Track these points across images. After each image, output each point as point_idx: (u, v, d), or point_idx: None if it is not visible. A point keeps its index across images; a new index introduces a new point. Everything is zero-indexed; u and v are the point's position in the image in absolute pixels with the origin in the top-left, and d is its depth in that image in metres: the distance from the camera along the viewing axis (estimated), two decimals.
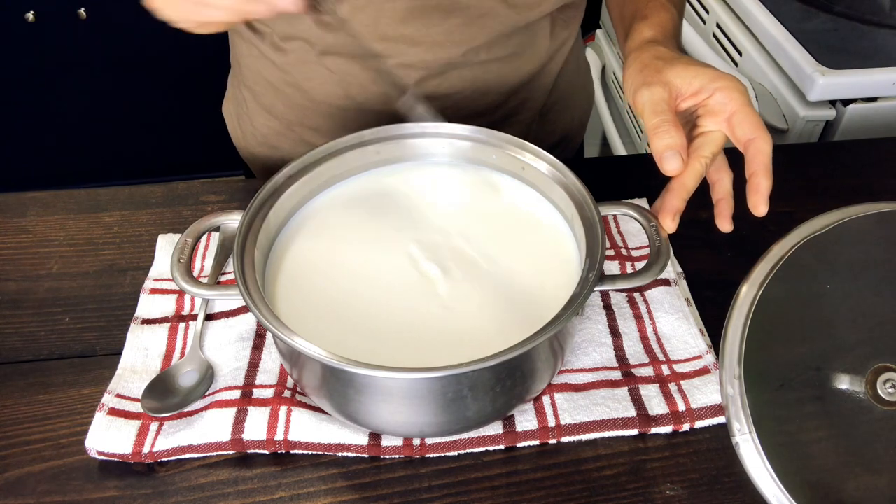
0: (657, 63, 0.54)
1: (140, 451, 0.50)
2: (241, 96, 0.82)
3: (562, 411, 0.52)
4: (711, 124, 0.53)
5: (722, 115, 0.52)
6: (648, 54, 0.56)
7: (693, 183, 0.52)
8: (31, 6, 1.59)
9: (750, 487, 0.45)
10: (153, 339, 0.57)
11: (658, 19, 0.60)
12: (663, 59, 0.54)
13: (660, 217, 0.52)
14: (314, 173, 0.57)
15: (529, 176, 0.59)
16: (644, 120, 0.52)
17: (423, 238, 0.56)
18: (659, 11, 0.61)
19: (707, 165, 0.53)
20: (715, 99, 0.52)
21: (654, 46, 0.57)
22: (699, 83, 0.53)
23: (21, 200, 0.71)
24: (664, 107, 0.52)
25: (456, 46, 0.68)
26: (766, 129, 0.51)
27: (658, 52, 0.56)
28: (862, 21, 1.05)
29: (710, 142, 0.53)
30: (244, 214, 0.52)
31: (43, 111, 1.78)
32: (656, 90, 0.52)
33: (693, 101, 0.53)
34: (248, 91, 0.80)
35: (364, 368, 0.43)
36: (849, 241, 0.50)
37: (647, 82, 0.53)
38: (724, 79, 0.52)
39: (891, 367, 0.46)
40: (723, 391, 0.47)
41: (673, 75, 0.53)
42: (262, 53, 0.74)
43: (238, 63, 0.81)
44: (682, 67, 0.53)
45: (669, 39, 0.59)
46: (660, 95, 0.52)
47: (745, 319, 0.47)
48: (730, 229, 0.54)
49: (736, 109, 0.51)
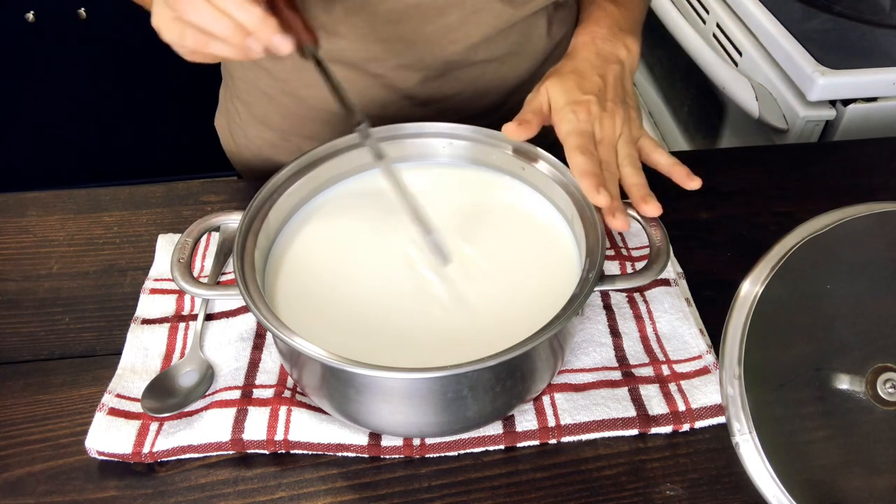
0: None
1: (140, 451, 0.50)
2: (233, 109, 0.81)
3: (562, 411, 0.52)
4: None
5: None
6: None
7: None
8: (31, 6, 1.59)
9: (750, 487, 0.45)
10: (153, 339, 0.57)
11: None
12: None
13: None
14: (314, 173, 0.57)
15: (529, 176, 0.59)
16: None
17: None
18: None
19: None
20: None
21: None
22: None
23: (21, 200, 0.71)
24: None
25: (453, 45, 0.67)
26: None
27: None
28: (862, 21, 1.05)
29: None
30: (244, 214, 0.52)
31: (43, 111, 1.78)
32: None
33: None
34: (241, 103, 0.79)
35: (364, 368, 0.43)
36: (849, 241, 0.50)
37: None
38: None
39: (891, 367, 0.46)
40: (723, 391, 0.47)
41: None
42: (255, 63, 0.73)
43: (230, 75, 0.80)
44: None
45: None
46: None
47: (745, 319, 0.47)
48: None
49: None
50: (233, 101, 0.81)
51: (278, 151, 0.79)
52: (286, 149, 0.78)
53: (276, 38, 0.46)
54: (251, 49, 0.47)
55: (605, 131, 0.58)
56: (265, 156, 0.80)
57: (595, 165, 0.55)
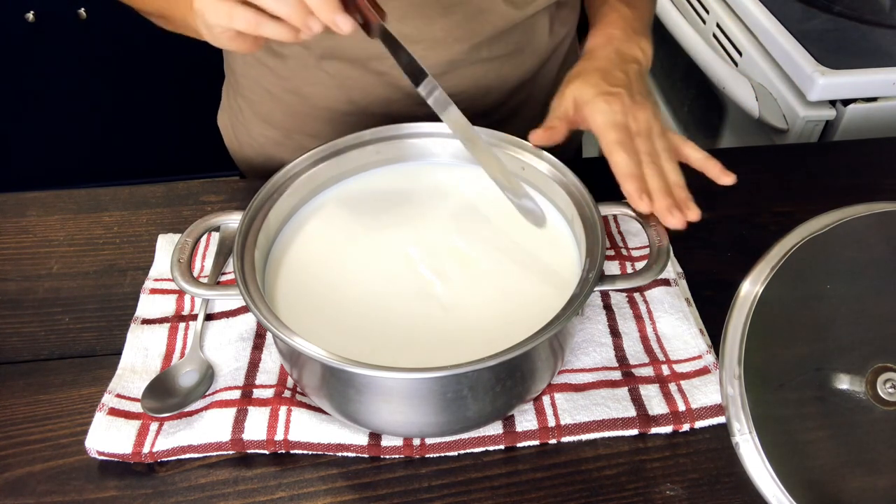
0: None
1: (140, 451, 0.50)
2: (236, 106, 0.81)
3: (562, 411, 0.52)
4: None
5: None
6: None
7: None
8: (31, 6, 1.59)
9: (750, 487, 0.45)
10: (153, 339, 0.57)
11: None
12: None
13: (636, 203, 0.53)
14: (314, 173, 0.57)
15: (529, 176, 0.59)
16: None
17: (423, 238, 0.56)
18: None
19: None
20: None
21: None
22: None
23: (21, 200, 0.71)
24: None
25: (458, 43, 0.67)
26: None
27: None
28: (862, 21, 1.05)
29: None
30: (244, 214, 0.52)
31: (43, 111, 1.78)
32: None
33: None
34: (244, 101, 0.79)
35: (364, 368, 0.43)
36: (849, 241, 0.50)
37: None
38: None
39: (891, 367, 0.46)
40: (723, 391, 0.47)
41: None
42: (258, 61, 0.73)
43: (233, 72, 0.80)
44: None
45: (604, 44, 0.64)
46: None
47: (745, 319, 0.47)
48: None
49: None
50: (236, 98, 0.81)
51: (281, 149, 0.79)
52: (289, 147, 0.78)
53: (339, 17, 0.45)
54: (310, 29, 0.45)
55: (640, 124, 0.56)
56: (268, 154, 0.80)
57: (637, 166, 0.53)
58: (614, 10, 0.67)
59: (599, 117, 0.56)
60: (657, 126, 0.58)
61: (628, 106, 0.57)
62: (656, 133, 0.57)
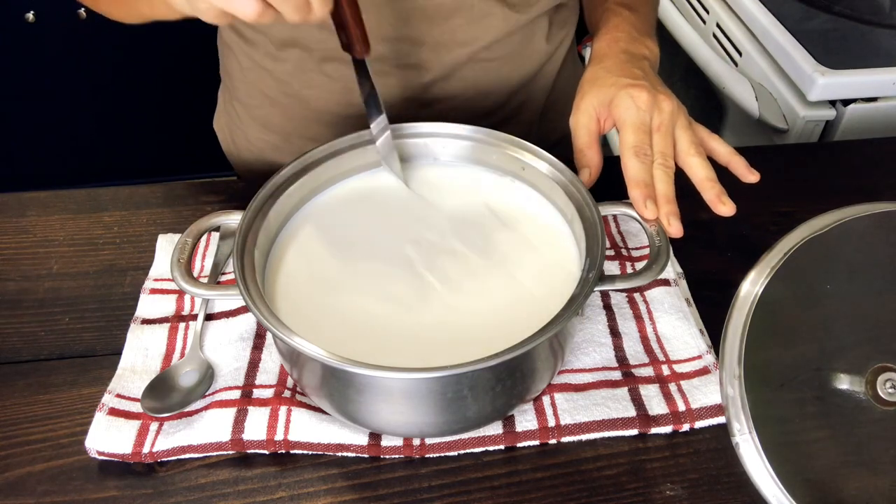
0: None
1: (140, 451, 0.50)
2: (233, 111, 0.80)
3: (562, 411, 0.52)
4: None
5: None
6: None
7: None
8: (31, 6, 1.59)
9: (750, 487, 0.45)
10: (153, 339, 0.57)
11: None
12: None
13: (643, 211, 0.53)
14: (314, 173, 0.57)
15: (529, 176, 0.59)
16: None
17: (423, 238, 0.56)
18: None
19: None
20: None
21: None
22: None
23: (21, 200, 0.71)
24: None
25: (460, 47, 0.68)
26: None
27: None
28: (862, 21, 1.05)
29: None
30: (244, 214, 0.52)
31: (43, 111, 1.78)
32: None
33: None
34: (240, 105, 0.78)
35: (364, 368, 0.43)
36: (849, 241, 0.50)
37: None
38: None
39: (891, 367, 0.46)
40: (723, 391, 0.47)
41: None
42: (256, 64, 0.73)
43: (229, 76, 0.79)
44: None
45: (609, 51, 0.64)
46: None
47: (745, 319, 0.47)
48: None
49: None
50: (232, 103, 0.80)
51: (280, 154, 0.78)
52: (288, 151, 0.77)
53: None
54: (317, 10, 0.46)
55: (664, 116, 0.56)
56: (267, 159, 0.80)
57: (647, 173, 0.53)
58: (617, 15, 0.67)
59: (623, 113, 0.56)
60: (682, 117, 0.57)
61: (653, 95, 0.56)
62: (682, 125, 0.56)
